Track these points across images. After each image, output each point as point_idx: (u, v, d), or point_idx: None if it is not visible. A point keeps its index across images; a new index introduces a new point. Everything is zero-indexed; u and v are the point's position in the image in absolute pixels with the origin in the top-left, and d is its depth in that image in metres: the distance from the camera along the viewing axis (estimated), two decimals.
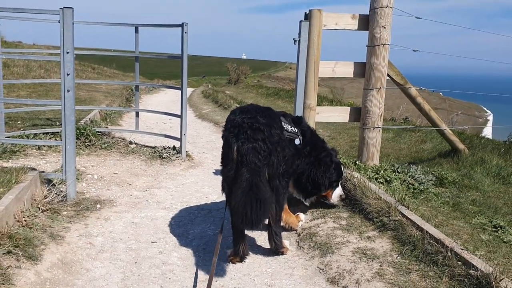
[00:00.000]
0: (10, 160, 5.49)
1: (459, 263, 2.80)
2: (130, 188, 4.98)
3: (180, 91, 6.14)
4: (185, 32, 5.90)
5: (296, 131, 3.59)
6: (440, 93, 49.42)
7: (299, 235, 3.80)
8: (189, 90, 21.04)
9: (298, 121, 3.76)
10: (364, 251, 3.28)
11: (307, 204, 4.07)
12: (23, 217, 3.52)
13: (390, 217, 3.51)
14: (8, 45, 24.36)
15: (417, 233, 3.24)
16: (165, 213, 4.35)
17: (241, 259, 3.36)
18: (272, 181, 3.22)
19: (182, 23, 5.88)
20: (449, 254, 2.88)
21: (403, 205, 3.65)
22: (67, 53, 4.04)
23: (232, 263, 3.36)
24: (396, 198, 3.74)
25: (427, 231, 3.17)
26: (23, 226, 3.42)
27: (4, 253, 2.94)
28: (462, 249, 2.90)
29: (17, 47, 23.83)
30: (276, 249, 3.47)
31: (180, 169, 5.88)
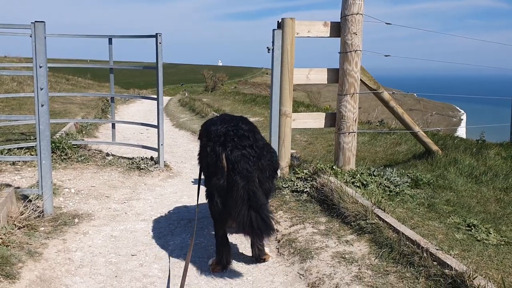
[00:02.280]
0: None
1: (435, 263, 2.88)
2: (108, 201, 4.94)
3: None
4: (159, 43, 5.91)
5: None
6: (415, 94, 50.40)
7: (278, 241, 3.84)
8: (165, 99, 20.94)
9: None
10: (343, 255, 3.33)
11: None
12: None
13: (367, 221, 3.57)
14: None
15: (394, 235, 3.31)
16: (144, 225, 4.33)
17: (224, 267, 3.38)
18: (262, 185, 3.26)
19: (156, 34, 5.88)
20: (425, 254, 2.96)
21: (379, 208, 3.73)
22: (40, 67, 4.01)
23: (214, 272, 3.37)
24: (373, 202, 3.81)
25: (403, 233, 3.24)
26: (0, 245, 3.37)
27: None
28: (437, 249, 2.98)
29: None
30: (259, 256, 3.50)
31: (158, 180, 5.86)
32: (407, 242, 3.15)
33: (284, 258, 3.56)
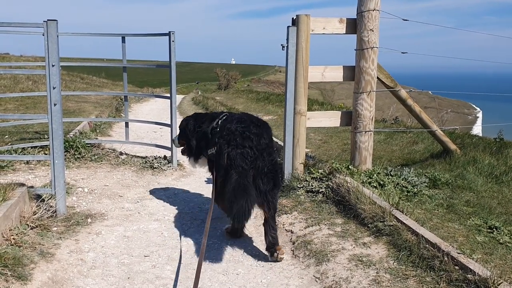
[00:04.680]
0: None
1: (456, 267, 2.77)
2: (121, 201, 4.91)
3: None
4: (172, 41, 5.85)
5: None
6: (430, 92, 49.77)
7: (293, 243, 3.76)
8: (179, 97, 20.97)
9: None
10: (360, 258, 3.24)
11: None
12: (12, 235, 3.45)
13: (385, 222, 3.47)
14: None
15: (413, 238, 3.21)
16: (157, 225, 4.28)
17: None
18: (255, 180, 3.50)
19: (169, 32, 5.83)
20: (446, 258, 2.85)
21: (397, 209, 3.62)
22: (53, 66, 3.98)
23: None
24: (391, 203, 3.71)
25: (422, 235, 3.14)
26: (12, 245, 3.34)
27: None
28: (458, 253, 2.87)
29: (4, 59, 23.67)
30: (272, 244, 3.51)
31: (171, 179, 5.81)
32: (427, 245, 3.04)
33: (299, 260, 3.48)
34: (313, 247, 3.53)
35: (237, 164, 3.39)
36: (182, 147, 4.43)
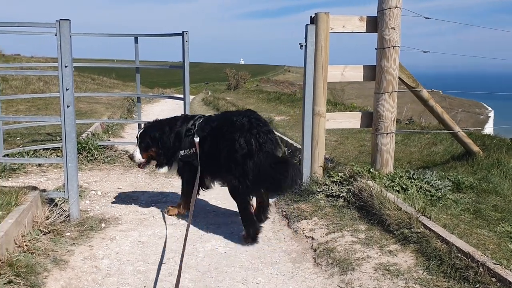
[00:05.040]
0: (10, 179, 5.32)
1: (493, 279, 2.61)
2: (135, 204, 4.79)
3: (182, 101, 5.97)
4: (186, 41, 5.73)
5: None
6: (440, 92, 49.27)
7: (315, 250, 3.61)
8: (191, 97, 20.87)
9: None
10: (387, 267, 3.08)
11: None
12: (24, 241, 3.35)
13: (412, 229, 3.31)
14: (6, 58, 24.27)
15: (443, 246, 3.04)
16: (173, 230, 4.16)
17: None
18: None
19: (183, 32, 5.71)
20: (481, 269, 2.69)
21: (424, 215, 3.46)
22: (66, 67, 3.87)
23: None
24: (417, 208, 3.54)
25: (453, 244, 2.98)
26: (24, 252, 3.24)
27: (4, 283, 2.76)
28: (494, 264, 2.71)
29: (15, 60, 23.74)
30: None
31: None
32: (459, 254, 2.88)
33: (322, 269, 3.33)
34: (337, 255, 3.37)
35: (268, 147, 3.68)
36: (144, 160, 4.30)
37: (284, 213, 4.39)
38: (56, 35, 3.90)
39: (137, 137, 4.35)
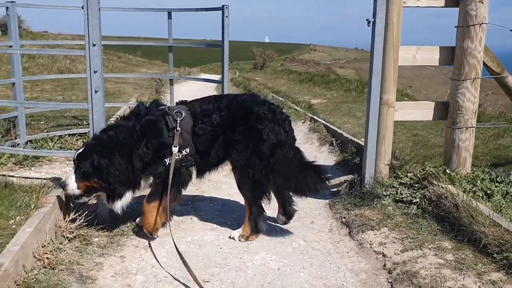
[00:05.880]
0: (32, 168, 4.83)
1: None
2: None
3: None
4: (226, 16, 5.08)
5: None
6: None
7: (389, 272, 2.98)
8: (215, 78, 20.25)
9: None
10: None
11: None
12: (45, 253, 2.82)
13: None
14: (34, 35, 24.07)
15: None
16: (214, 236, 3.59)
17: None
18: None
19: (223, 6, 5.06)
20: None
21: None
22: (94, 45, 3.29)
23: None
24: None
25: None
26: (45, 267, 2.72)
27: None
28: None
29: (43, 38, 23.51)
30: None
31: (223, 175, 5.08)
32: None
33: None
34: (421, 282, 2.73)
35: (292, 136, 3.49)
36: (79, 191, 3.17)
37: (343, 219, 3.76)
38: (83, 8, 3.31)
39: (73, 159, 3.22)
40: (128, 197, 3.25)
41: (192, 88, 14.66)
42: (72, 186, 3.12)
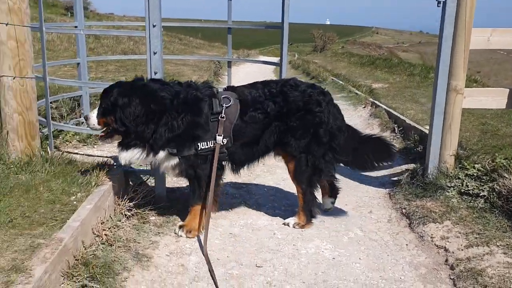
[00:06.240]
0: (95, 146, 5.02)
1: None
2: (224, 184, 4.23)
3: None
4: None
5: None
6: None
7: (452, 268, 2.81)
8: (274, 60, 20.13)
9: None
10: None
11: None
12: (104, 230, 2.90)
13: None
14: (100, 17, 24.99)
15: None
16: (267, 221, 3.56)
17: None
18: None
19: None
20: None
21: None
22: (154, 26, 3.30)
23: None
24: None
25: None
26: (103, 243, 2.79)
27: None
28: None
29: (109, 19, 24.34)
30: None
31: (278, 159, 5.03)
32: None
33: None
34: (487, 281, 2.55)
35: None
36: (106, 130, 3.04)
37: (403, 210, 3.60)
38: None
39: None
40: (136, 153, 2.97)
41: (250, 71, 14.66)
42: (93, 121, 3.01)
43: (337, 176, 3.61)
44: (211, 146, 3.03)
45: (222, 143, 3.04)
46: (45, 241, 2.35)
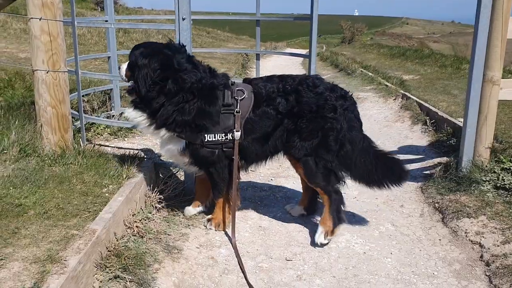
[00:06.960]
0: (126, 139, 5.09)
1: None
2: (253, 177, 4.25)
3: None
4: None
5: None
6: None
7: (487, 264, 2.74)
8: (302, 52, 19.98)
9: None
10: None
11: None
12: (135, 221, 2.94)
13: None
14: (129, 11, 25.27)
15: None
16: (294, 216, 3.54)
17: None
18: None
19: None
20: None
21: None
22: (183, 19, 3.30)
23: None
24: None
25: None
26: (134, 235, 2.82)
27: (110, 279, 2.35)
28: None
29: (137, 13, 24.60)
30: None
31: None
32: None
33: None
34: None
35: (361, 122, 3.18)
36: (126, 79, 3.04)
37: (436, 204, 3.52)
38: None
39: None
40: (139, 117, 2.93)
41: (277, 63, 14.60)
42: (122, 72, 3.02)
43: None
44: (219, 139, 2.94)
45: (231, 137, 2.94)
46: (78, 232, 2.39)
